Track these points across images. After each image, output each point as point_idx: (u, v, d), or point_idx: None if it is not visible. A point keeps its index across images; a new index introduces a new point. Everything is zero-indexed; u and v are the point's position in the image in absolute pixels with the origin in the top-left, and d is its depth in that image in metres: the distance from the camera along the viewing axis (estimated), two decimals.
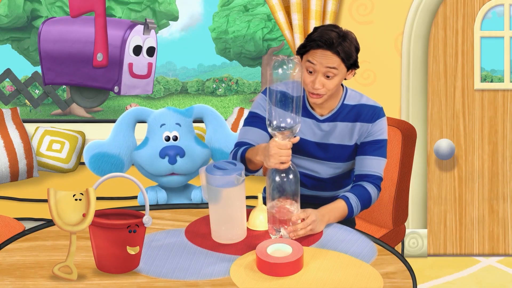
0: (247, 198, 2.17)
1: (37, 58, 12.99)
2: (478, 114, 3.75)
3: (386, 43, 3.68)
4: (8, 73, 3.51)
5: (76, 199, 1.83)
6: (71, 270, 1.84)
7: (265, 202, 2.49)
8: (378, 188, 2.41)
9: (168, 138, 2.99)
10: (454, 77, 3.73)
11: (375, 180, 2.41)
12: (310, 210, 2.15)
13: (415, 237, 3.83)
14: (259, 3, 14.09)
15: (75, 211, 1.83)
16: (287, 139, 2.06)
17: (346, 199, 2.30)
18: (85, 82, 2.14)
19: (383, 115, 2.45)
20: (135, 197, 3.81)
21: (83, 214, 1.82)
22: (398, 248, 3.80)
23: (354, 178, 2.45)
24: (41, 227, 2.23)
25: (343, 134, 2.43)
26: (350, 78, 2.38)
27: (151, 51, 2.15)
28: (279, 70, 2.02)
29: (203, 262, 1.95)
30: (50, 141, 3.80)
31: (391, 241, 2.94)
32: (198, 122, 3.63)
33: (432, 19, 3.66)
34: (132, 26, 2.09)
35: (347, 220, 2.47)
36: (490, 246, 3.86)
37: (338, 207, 2.27)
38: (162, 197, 3.00)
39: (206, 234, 2.16)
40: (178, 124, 3.02)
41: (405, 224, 3.07)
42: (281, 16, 3.54)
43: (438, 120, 3.76)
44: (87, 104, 2.24)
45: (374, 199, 2.40)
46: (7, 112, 3.75)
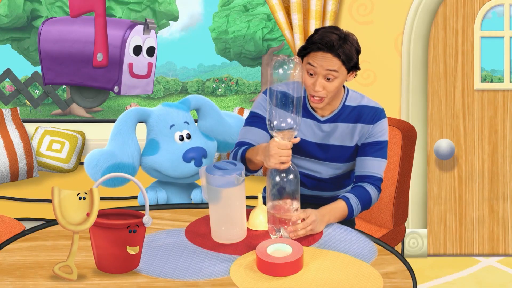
0: (247, 198, 2.17)
1: (37, 58, 12.99)
2: (478, 114, 3.75)
3: (386, 43, 3.68)
4: (8, 73, 3.51)
5: (80, 198, 1.83)
6: (71, 270, 1.84)
7: (265, 202, 2.50)
8: (379, 189, 2.41)
9: (182, 138, 2.92)
10: (454, 77, 3.73)
11: (376, 181, 2.41)
12: (310, 210, 2.15)
13: (415, 237, 3.83)
14: (259, 3, 14.09)
15: (79, 211, 1.83)
16: (288, 139, 2.06)
17: (346, 200, 2.30)
18: (85, 82, 2.13)
19: (384, 117, 2.45)
20: (135, 197, 3.81)
21: (87, 214, 1.82)
22: (398, 248, 3.80)
23: (355, 179, 2.45)
24: (41, 227, 2.23)
25: (344, 135, 2.43)
26: (351, 80, 2.38)
27: (151, 51, 2.14)
28: (280, 70, 2.02)
29: (203, 262, 1.95)
30: (50, 141, 3.80)
31: (391, 241, 2.94)
32: None
33: (432, 19, 3.67)
34: (132, 26, 2.09)
35: (347, 222, 2.47)
36: (490, 246, 3.86)
37: (338, 208, 2.28)
38: (162, 197, 2.98)
39: (206, 234, 2.16)
40: (186, 122, 2.96)
41: (405, 224, 3.07)
42: (281, 16, 3.54)
43: (438, 120, 3.76)
44: (87, 104, 2.23)
45: (374, 200, 2.40)
46: (7, 112, 3.75)
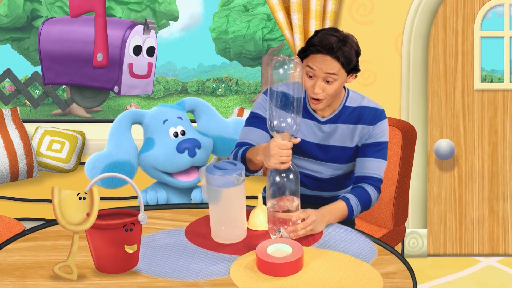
0: (247, 198, 2.17)
1: (37, 58, 12.99)
2: (478, 114, 3.75)
3: (386, 43, 3.68)
4: (8, 73, 3.51)
5: (80, 198, 1.83)
6: (72, 270, 1.84)
7: (265, 202, 2.49)
8: (378, 190, 2.41)
9: (176, 134, 2.94)
10: (454, 77, 3.73)
11: (375, 182, 2.41)
12: (310, 210, 2.15)
13: (415, 237, 3.83)
14: (259, 3, 14.10)
15: (79, 211, 1.83)
16: (288, 140, 2.06)
17: (346, 200, 2.30)
18: (85, 82, 2.13)
19: (384, 118, 2.45)
20: (135, 197, 3.81)
21: (87, 214, 1.82)
22: (398, 248, 3.80)
23: (354, 179, 2.45)
24: (41, 227, 2.23)
25: (344, 136, 2.43)
26: (351, 81, 2.38)
27: (151, 51, 2.14)
28: (280, 70, 2.02)
29: (203, 262, 1.95)
30: (50, 141, 3.81)
31: (391, 241, 2.94)
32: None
33: (432, 19, 3.67)
34: (132, 26, 2.09)
35: (347, 222, 2.48)
36: (490, 246, 3.86)
37: (338, 208, 2.28)
38: (162, 197, 2.98)
39: (206, 234, 2.16)
40: (179, 118, 2.98)
41: (405, 224, 3.07)
42: (281, 16, 3.54)
43: (438, 120, 3.76)
44: (87, 104, 2.23)
45: (374, 201, 2.40)
46: (7, 112, 3.75)
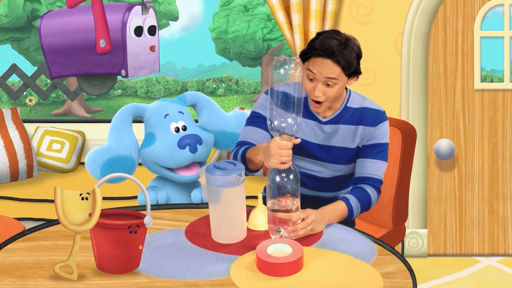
0: (247, 198, 2.17)
1: (37, 58, 13.00)
2: (478, 114, 3.75)
3: (386, 43, 3.68)
4: (14, 68, 3.50)
5: (82, 198, 1.83)
6: (72, 270, 1.84)
7: (265, 202, 2.49)
8: (378, 191, 2.41)
9: (177, 129, 2.93)
10: (454, 77, 3.73)
11: (375, 183, 2.41)
12: (310, 210, 2.15)
13: (415, 237, 3.83)
14: (259, 3, 14.09)
15: (81, 211, 1.83)
16: (288, 140, 2.06)
17: (346, 200, 2.30)
18: (91, 70, 2.12)
19: (385, 119, 2.45)
20: (135, 197, 3.81)
21: (89, 214, 1.82)
22: (398, 248, 3.80)
23: (354, 180, 2.45)
24: (41, 227, 2.23)
25: (346, 136, 2.43)
26: (352, 84, 2.38)
27: (153, 30, 2.13)
28: (281, 70, 2.02)
29: (203, 262, 1.95)
30: (50, 141, 3.81)
31: (391, 241, 2.94)
32: None
33: (432, 19, 3.67)
34: (130, 8, 2.08)
35: (347, 222, 2.48)
36: (490, 246, 3.86)
37: (338, 208, 2.28)
38: (162, 197, 2.98)
39: (206, 234, 2.16)
40: (181, 112, 2.97)
41: (405, 224, 3.07)
42: (281, 16, 3.54)
43: (438, 120, 3.76)
44: (96, 91, 2.22)
45: (374, 202, 2.40)
46: (7, 112, 3.75)
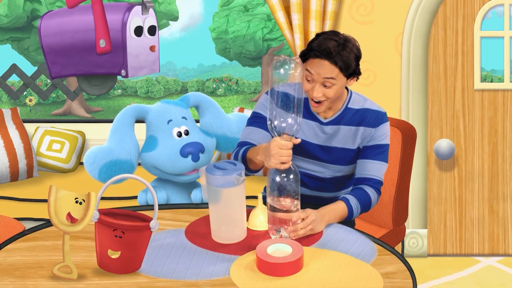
0: (247, 198, 2.17)
1: (37, 58, 13.00)
2: (478, 114, 3.75)
3: (386, 43, 3.68)
4: (14, 68, 3.50)
5: (77, 202, 1.83)
6: (71, 270, 1.84)
7: (265, 202, 2.50)
8: (378, 192, 2.42)
9: (180, 134, 2.92)
10: (454, 77, 3.72)
11: (376, 184, 2.41)
12: (310, 210, 2.15)
13: (415, 237, 3.83)
14: (259, 3, 14.09)
15: (73, 213, 1.83)
16: (288, 140, 2.06)
17: (346, 201, 2.31)
18: (91, 70, 2.11)
19: (386, 120, 2.45)
20: (135, 197, 3.81)
21: (68, 216, 1.82)
22: (398, 248, 3.80)
23: (355, 181, 2.45)
24: (41, 227, 2.23)
25: (346, 137, 2.43)
26: (352, 84, 2.38)
27: (153, 30, 2.13)
28: (281, 70, 2.02)
29: (203, 262, 1.95)
30: (50, 141, 3.81)
31: (391, 241, 2.94)
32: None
33: (432, 19, 3.66)
34: (130, 8, 2.07)
35: (347, 222, 2.48)
36: (490, 246, 3.86)
37: (338, 208, 2.28)
38: (162, 197, 2.98)
39: (206, 234, 2.16)
40: (184, 117, 2.95)
41: (405, 224, 3.07)
42: (281, 16, 3.54)
43: (438, 120, 3.76)
44: (96, 91, 2.22)
45: (374, 203, 2.40)
46: (7, 112, 3.75)
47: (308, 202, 2.53)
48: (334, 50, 2.23)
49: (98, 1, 2.10)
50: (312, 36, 3.47)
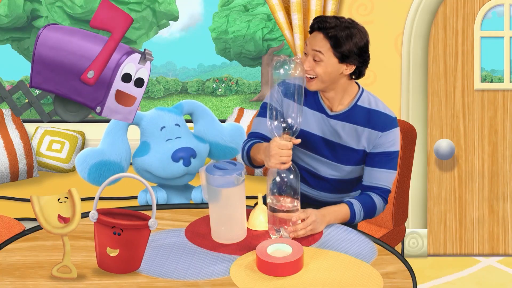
0: (247, 198, 2.17)
1: None
2: (478, 114, 3.75)
3: (386, 43, 3.68)
4: None
5: (60, 202, 1.83)
6: (70, 270, 1.84)
7: (265, 202, 2.50)
8: (385, 200, 2.38)
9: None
10: (454, 77, 3.73)
11: (383, 192, 2.37)
12: (310, 210, 2.14)
13: (415, 237, 3.83)
14: (259, 3, 14.10)
15: (62, 213, 1.83)
16: (288, 140, 2.06)
17: (350, 205, 2.28)
18: (69, 95, 2.11)
19: (396, 126, 2.37)
20: (134, 197, 3.81)
21: (59, 216, 1.83)
22: (398, 248, 3.80)
23: (362, 187, 2.41)
24: (41, 227, 2.23)
25: (351, 135, 2.37)
26: (347, 73, 2.30)
27: (140, 82, 2.13)
28: (281, 70, 2.02)
29: (203, 262, 1.95)
30: (50, 141, 3.81)
31: (391, 241, 2.94)
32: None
33: (432, 19, 3.67)
34: (129, 52, 2.07)
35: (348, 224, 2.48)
36: (490, 246, 3.86)
37: (340, 210, 2.26)
38: (162, 197, 2.98)
39: (206, 234, 2.16)
40: (177, 125, 2.99)
41: (405, 224, 3.07)
42: (281, 16, 3.54)
43: (438, 120, 3.76)
44: (69, 118, 2.21)
45: (379, 211, 2.36)
46: (7, 112, 3.76)
47: (308, 203, 2.53)
48: (329, 25, 2.23)
49: (116, 39, 2.10)
50: None
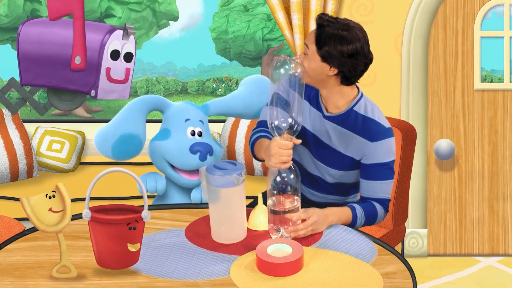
0: (247, 198, 2.17)
1: None
2: (478, 114, 3.75)
3: (386, 43, 3.68)
4: None
5: (49, 197, 1.83)
6: (69, 269, 1.84)
7: (265, 202, 2.50)
8: (386, 209, 2.37)
9: (193, 133, 2.94)
10: (454, 77, 3.73)
11: (384, 202, 2.36)
12: (312, 211, 2.14)
13: (415, 237, 3.83)
14: (259, 3, 14.10)
15: (54, 208, 1.83)
16: (289, 139, 2.06)
17: (353, 209, 2.27)
18: (62, 85, 2.11)
19: (390, 136, 2.32)
20: (137, 197, 3.81)
21: (50, 209, 1.82)
22: (398, 248, 3.80)
23: (361, 199, 2.40)
24: None
25: (340, 140, 2.35)
26: (331, 75, 2.26)
27: (129, 57, 2.13)
28: (281, 70, 2.02)
29: (203, 262, 1.95)
30: (50, 141, 3.81)
31: (391, 241, 2.94)
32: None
33: (432, 19, 3.67)
34: (111, 30, 2.08)
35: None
36: (490, 246, 3.86)
37: (343, 212, 2.25)
38: (161, 185, 2.95)
39: (206, 234, 2.16)
40: (201, 121, 3.00)
41: (405, 224, 3.07)
42: (281, 16, 3.54)
43: (438, 120, 3.76)
44: (65, 107, 2.22)
45: (380, 219, 2.36)
46: (7, 112, 3.75)
47: (307, 202, 2.53)
48: (324, 22, 2.24)
49: (79, 17, 2.10)
50: None
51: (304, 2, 3.54)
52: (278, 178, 2.06)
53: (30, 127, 3.89)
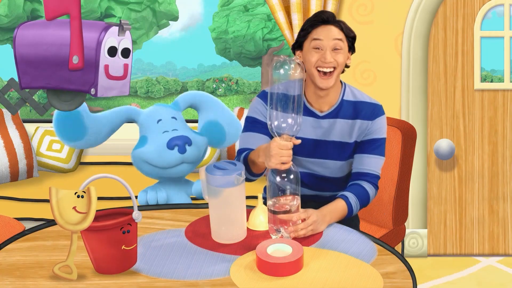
0: (247, 198, 2.17)
1: None
2: (478, 114, 3.75)
3: (386, 43, 3.68)
4: None
5: (78, 196, 1.82)
6: (71, 270, 1.84)
7: (265, 202, 2.49)
8: (376, 186, 2.42)
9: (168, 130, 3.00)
10: (454, 77, 3.73)
11: (373, 178, 2.42)
12: (311, 211, 2.15)
13: (415, 237, 3.83)
14: (259, 3, 14.10)
15: (78, 207, 1.82)
16: (288, 140, 2.06)
17: (346, 199, 2.31)
18: (61, 85, 2.10)
19: (383, 113, 2.46)
20: (135, 197, 3.81)
21: (74, 208, 1.82)
22: (398, 248, 3.80)
23: (352, 176, 2.45)
24: (41, 227, 2.23)
25: (343, 131, 2.43)
26: (349, 63, 2.40)
27: (126, 52, 2.14)
28: (281, 70, 2.02)
29: (203, 262, 1.95)
30: (50, 141, 3.81)
31: (391, 241, 2.94)
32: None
33: (432, 19, 3.67)
34: (107, 27, 2.08)
35: (352, 221, 2.47)
36: (490, 246, 3.86)
37: (338, 207, 2.28)
38: (162, 197, 3.00)
39: (206, 234, 2.16)
40: (174, 118, 3.04)
41: (405, 224, 3.07)
42: (281, 16, 3.54)
43: (438, 120, 3.76)
44: (65, 107, 2.22)
45: (372, 197, 2.42)
46: (7, 112, 3.76)
47: (308, 201, 2.53)
48: (333, 18, 2.35)
49: (76, 17, 2.09)
50: None
51: (304, 2, 3.54)
52: (278, 179, 2.06)
53: (30, 127, 3.89)
